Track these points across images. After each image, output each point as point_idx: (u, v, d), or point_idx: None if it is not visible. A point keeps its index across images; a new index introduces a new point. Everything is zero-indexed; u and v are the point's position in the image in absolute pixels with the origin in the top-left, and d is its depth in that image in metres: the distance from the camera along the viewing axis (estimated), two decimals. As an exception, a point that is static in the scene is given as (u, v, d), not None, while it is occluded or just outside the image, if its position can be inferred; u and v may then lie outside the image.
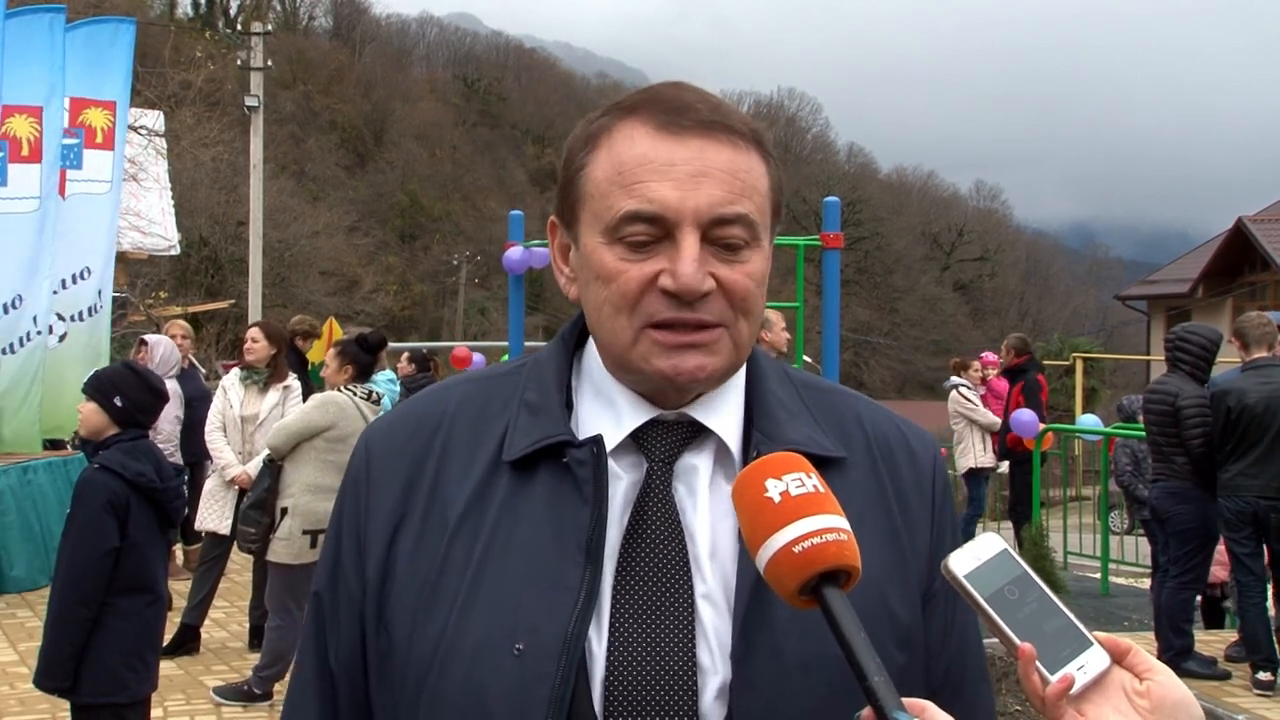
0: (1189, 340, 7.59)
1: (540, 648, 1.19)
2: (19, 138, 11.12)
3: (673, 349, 1.25)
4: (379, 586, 1.30)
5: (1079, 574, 11.83)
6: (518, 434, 1.30)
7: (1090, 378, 28.59)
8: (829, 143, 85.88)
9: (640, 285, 1.24)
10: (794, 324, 9.03)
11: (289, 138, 53.71)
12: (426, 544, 1.28)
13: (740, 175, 1.26)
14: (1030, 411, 11.68)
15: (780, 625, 1.22)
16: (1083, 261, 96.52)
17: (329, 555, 1.37)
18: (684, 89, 1.32)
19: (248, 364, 8.06)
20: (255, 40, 24.96)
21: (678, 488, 1.30)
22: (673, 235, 1.24)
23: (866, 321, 64.36)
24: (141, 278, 23.32)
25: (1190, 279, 32.36)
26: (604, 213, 1.26)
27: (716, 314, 1.25)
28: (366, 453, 1.38)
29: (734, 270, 1.26)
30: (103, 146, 12.15)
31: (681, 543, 1.26)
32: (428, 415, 1.37)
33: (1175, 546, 7.57)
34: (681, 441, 1.31)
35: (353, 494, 1.36)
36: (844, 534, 1.09)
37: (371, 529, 1.32)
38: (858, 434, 1.39)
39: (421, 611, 1.25)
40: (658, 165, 1.24)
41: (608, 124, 1.30)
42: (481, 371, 1.45)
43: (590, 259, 1.28)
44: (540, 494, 1.27)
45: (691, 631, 1.22)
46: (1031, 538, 10.44)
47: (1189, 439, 7.38)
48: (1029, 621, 1.10)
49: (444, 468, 1.32)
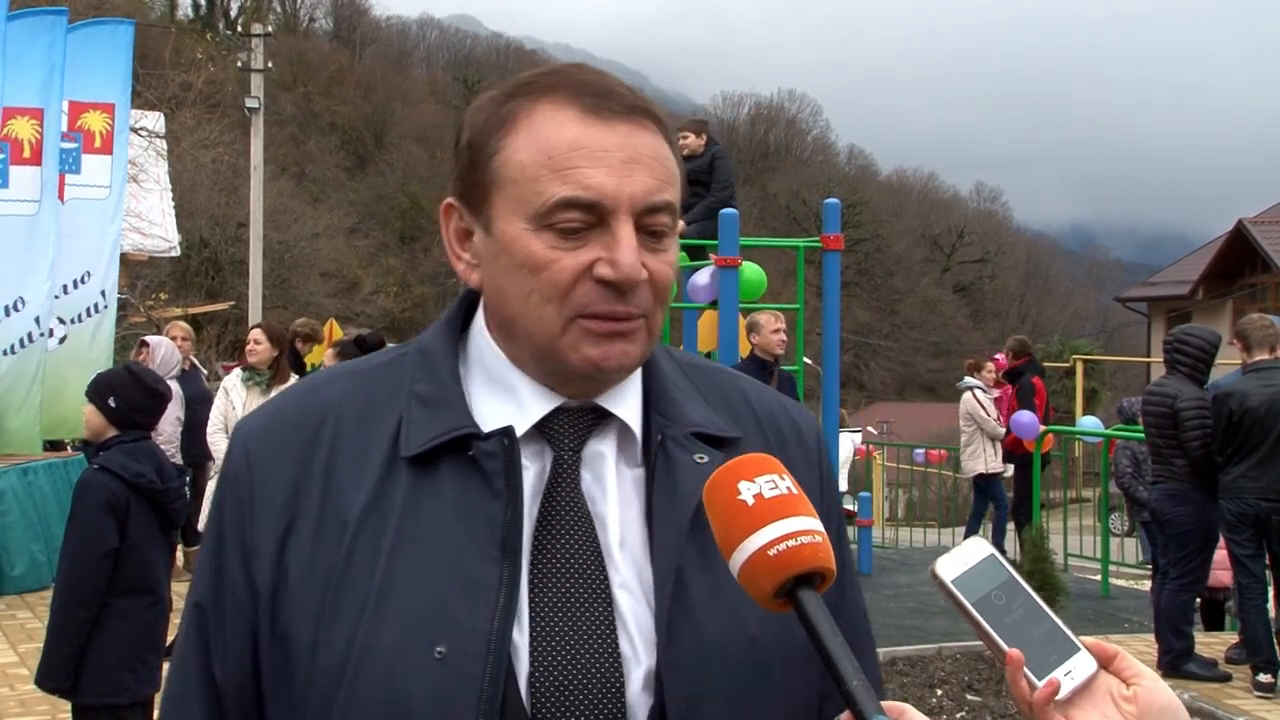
0: (1187, 342, 7.58)
1: (464, 650, 1.16)
2: (20, 140, 11.13)
3: (602, 337, 1.22)
4: (271, 595, 1.23)
5: (1079, 576, 11.83)
6: (414, 428, 1.25)
7: (1090, 380, 28.58)
8: (829, 145, 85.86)
9: (574, 274, 1.21)
10: (794, 326, 9.03)
11: (289, 139, 53.68)
12: (323, 547, 1.21)
13: (664, 162, 1.25)
14: (1030, 414, 11.68)
15: (698, 609, 1.22)
16: (1083, 263, 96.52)
17: (209, 563, 1.28)
18: (595, 71, 1.29)
19: (250, 365, 8.07)
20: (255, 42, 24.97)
21: (584, 475, 1.27)
22: (607, 223, 1.21)
23: (867, 323, 64.32)
24: (142, 279, 23.30)
25: (1190, 281, 32.36)
26: (532, 199, 1.21)
27: (644, 305, 1.24)
28: (245, 452, 1.29)
29: (659, 260, 1.24)
30: (101, 151, 12.14)
31: (593, 532, 1.24)
32: (308, 410, 1.29)
33: (1174, 549, 7.57)
34: (587, 428, 1.29)
35: (234, 497, 1.28)
36: (819, 536, 1.08)
37: (258, 534, 1.24)
38: (747, 413, 1.39)
39: (326, 618, 1.19)
40: (591, 150, 1.21)
41: (524, 105, 1.25)
42: (357, 363, 1.37)
43: (513, 246, 1.22)
44: (446, 490, 1.22)
45: (612, 622, 1.21)
46: (1032, 539, 10.43)
47: (1188, 441, 7.37)
48: (1016, 627, 1.09)
49: (334, 466, 1.25)
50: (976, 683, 7.35)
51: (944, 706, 6.91)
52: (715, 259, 8.94)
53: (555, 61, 1.36)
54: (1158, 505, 7.64)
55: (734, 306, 8.71)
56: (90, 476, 4.55)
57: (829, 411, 9.38)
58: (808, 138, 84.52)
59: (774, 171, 74.90)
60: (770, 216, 64.04)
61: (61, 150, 11.51)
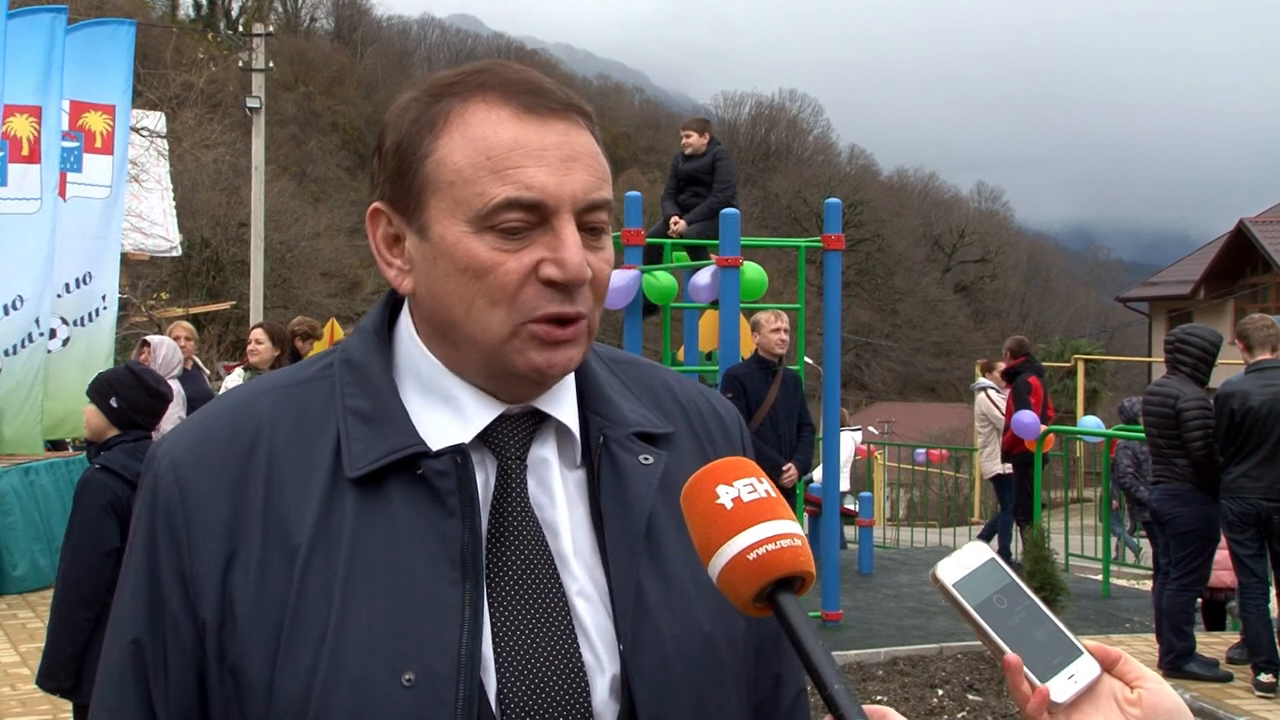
0: (1189, 342, 7.58)
1: (433, 675, 1.13)
2: (19, 137, 11.13)
3: (549, 344, 1.20)
4: (217, 627, 1.17)
5: (1080, 576, 11.82)
6: (356, 446, 1.20)
7: (1091, 379, 28.57)
8: (830, 144, 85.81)
9: (520, 277, 1.18)
10: (795, 325, 9.02)
11: (290, 139, 53.72)
12: (271, 576, 1.16)
13: (598, 159, 1.23)
14: (1031, 414, 11.67)
15: (654, 613, 1.21)
16: (1084, 263, 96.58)
17: (143, 595, 1.20)
18: (519, 67, 1.26)
19: (251, 365, 8.07)
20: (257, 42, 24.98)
21: (529, 482, 1.25)
22: (549, 222, 1.19)
23: (868, 323, 64.32)
24: (143, 279, 23.29)
25: (1192, 281, 32.37)
26: (472, 200, 1.18)
27: (587, 305, 1.22)
28: (175, 477, 1.21)
29: (598, 258, 1.22)
30: (102, 151, 12.14)
31: (544, 540, 1.22)
32: (240, 427, 1.23)
33: (1176, 548, 7.56)
34: (528, 434, 1.27)
35: (167, 524, 1.20)
36: (798, 539, 1.07)
37: (199, 565, 1.18)
38: (673, 405, 1.38)
39: (283, 650, 1.14)
40: (530, 150, 1.18)
41: (455, 105, 1.21)
42: (282, 376, 1.31)
43: (454, 251, 1.19)
44: (396, 510, 1.18)
45: (572, 631, 1.19)
46: (1032, 540, 10.43)
47: (1190, 441, 7.37)
48: (1018, 630, 1.08)
49: (273, 488, 1.19)
50: (978, 683, 7.35)
51: (945, 706, 6.90)
52: (716, 259, 8.93)
53: (484, 60, 1.31)
54: (1159, 505, 7.63)
55: (735, 306, 8.70)
56: (91, 476, 4.54)
57: (830, 411, 9.38)
58: (809, 138, 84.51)
59: (775, 171, 74.87)
60: (771, 216, 64.05)
61: (63, 149, 11.51)
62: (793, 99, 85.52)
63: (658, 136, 70.33)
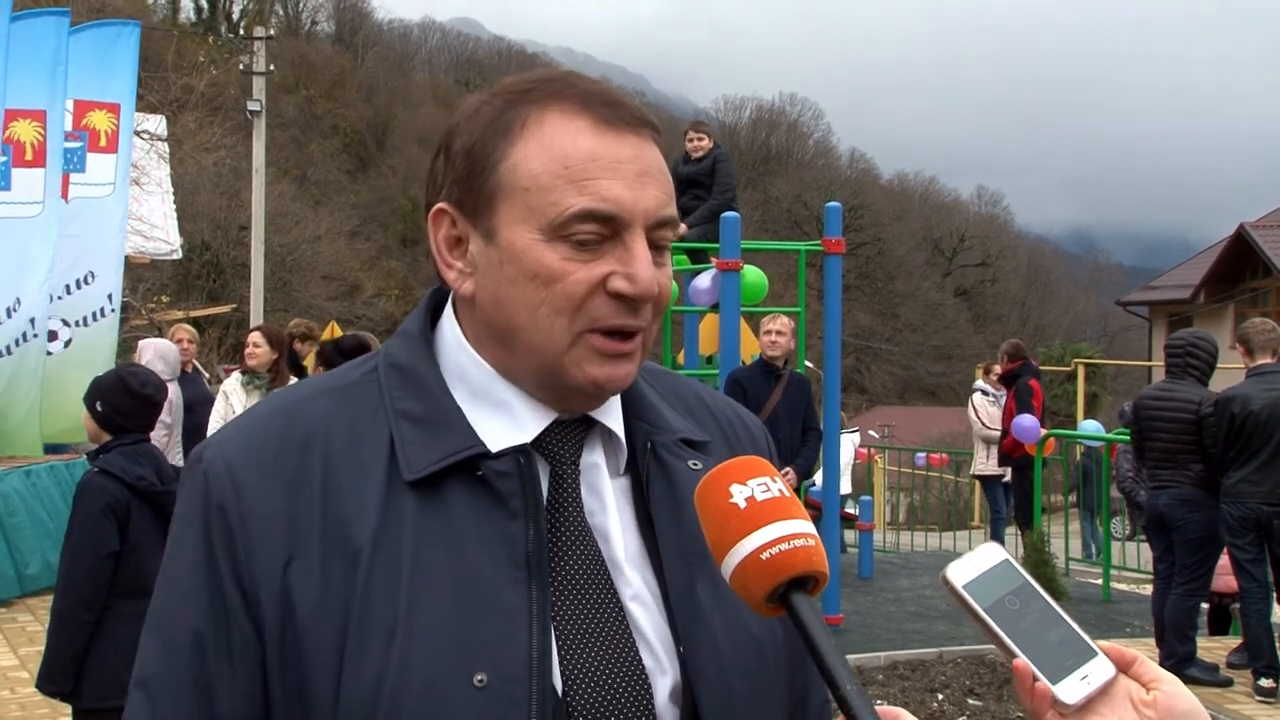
0: (1200, 347, 7.60)
1: (506, 676, 1.13)
2: (23, 142, 11.12)
3: (609, 357, 1.21)
4: (279, 631, 1.16)
5: (1080, 580, 11.82)
6: (412, 449, 1.20)
7: (1091, 383, 28.56)
8: (831, 148, 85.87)
9: (589, 287, 1.19)
10: (796, 330, 9.03)
11: (291, 142, 53.72)
12: (333, 578, 1.15)
13: (668, 176, 1.25)
14: (1031, 417, 11.67)
15: (708, 614, 1.22)
16: (1084, 267, 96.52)
17: (204, 589, 1.18)
18: (595, 80, 1.27)
19: (249, 368, 8.06)
20: (257, 45, 25.02)
21: (581, 488, 1.26)
22: (620, 236, 1.19)
23: (868, 327, 64.33)
24: (143, 282, 23.28)
25: (1192, 285, 32.34)
26: (546, 209, 1.18)
27: (647, 320, 1.23)
28: (230, 476, 1.20)
29: (663, 274, 1.23)
30: (106, 150, 12.14)
31: (596, 546, 1.23)
32: (292, 431, 1.22)
33: (1185, 554, 7.53)
34: (580, 440, 1.28)
35: (221, 525, 1.19)
36: (811, 539, 1.07)
37: (259, 565, 1.17)
38: (705, 415, 1.40)
39: (349, 654, 1.13)
40: (607, 162, 1.19)
41: (533, 112, 1.22)
42: (328, 381, 1.30)
43: (524, 257, 1.19)
44: (458, 512, 1.18)
45: (630, 635, 1.20)
46: (1033, 543, 10.43)
47: (1212, 447, 7.36)
48: (1031, 632, 1.07)
49: (331, 491, 1.19)
50: (978, 687, 7.34)
51: (945, 711, 6.90)
52: (716, 262, 8.94)
53: (549, 66, 1.32)
54: (1169, 510, 7.57)
55: (735, 310, 8.71)
56: (90, 479, 4.54)
57: (830, 415, 9.38)
58: (809, 141, 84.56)
59: (775, 175, 74.88)
60: (772, 220, 64.04)
61: (66, 149, 11.50)
62: (793, 103, 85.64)
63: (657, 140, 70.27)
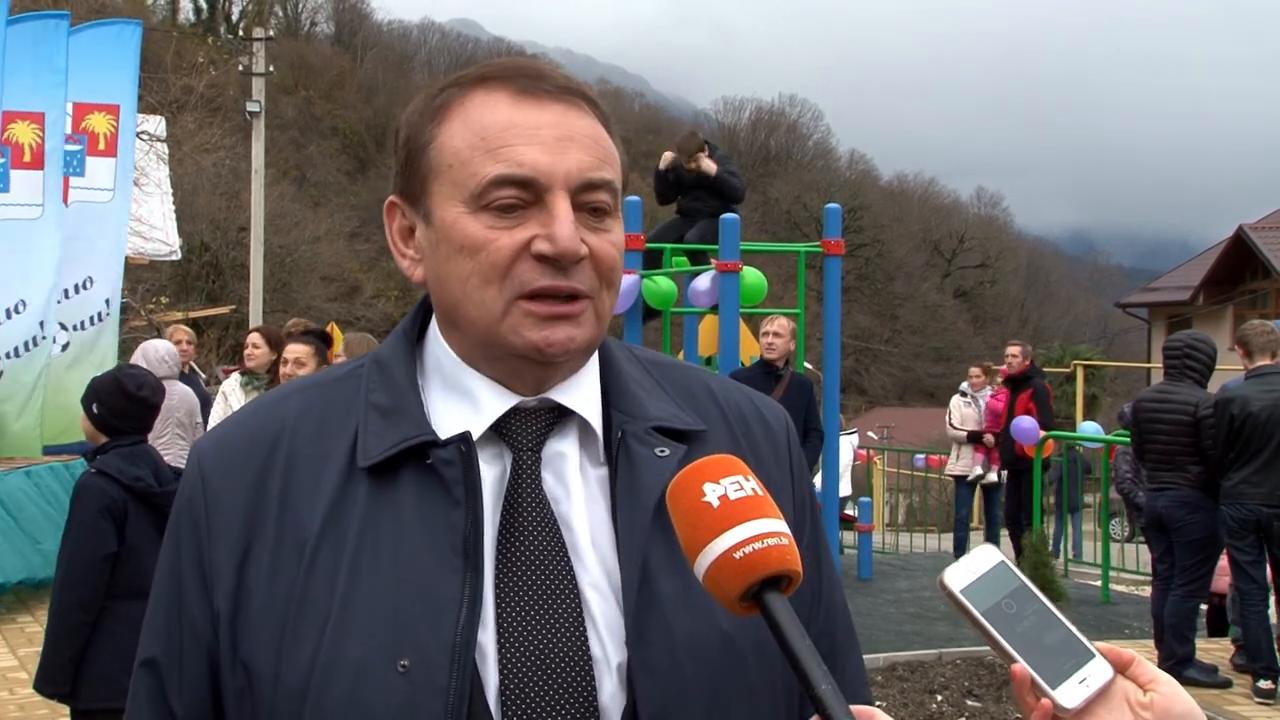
0: (1200, 349, 7.61)
1: (428, 662, 1.14)
2: (21, 144, 11.13)
3: (544, 320, 1.21)
4: (230, 619, 1.20)
5: (1079, 582, 11.82)
6: (371, 438, 1.23)
7: (1091, 385, 28.57)
8: (830, 149, 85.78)
9: (512, 252, 1.20)
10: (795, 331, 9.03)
11: (290, 143, 53.70)
12: (282, 567, 1.19)
13: (600, 142, 1.25)
14: (1030, 419, 11.65)
15: (668, 607, 1.20)
16: (1083, 269, 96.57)
17: (165, 585, 1.27)
18: (530, 59, 1.30)
19: (248, 369, 8.06)
20: (257, 46, 25.03)
21: (546, 476, 1.26)
22: (543, 199, 1.20)
23: (867, 328, 64.31)
24: (142, 283, 23.29)
25: (1191, 286, 32.36)
26: (467, 180, 1.21)
27: (587, 283, 1.22)
28: (200, 474, 1.27)
29: (601, 238, 1.23)
30: (105, 153, 12.13)
31: (558, 533, 1.22)
32: (264, 428, 1.27)
33: (1184, 555, 7.54)
34: (545, 428, 1.27)
35: (190, 522, 1.26)
36: (785, 538, 1.07)
37: (217, 556, 1.22)
38: (712, 407, 1.37)
39: (288, 640, 1.17)
40: (524, 129, 1.21)
41: (457, 95, 1.25)
42: (316, 377, 1.35)
43: (452, 231, 1.22)
44: (405, 499, 1.20)
45: (581, 623, 1.19)
46: (1033, 545, 10.43)
47: (1209, 448, 7.36)
48: (1028, 635, 1.06)
49: (290, 483, 1.23)
50: (977, 688, 7.34)
51: (944, 712, 6.90)
52: (716, 263, 8.94)
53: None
54: (1169, 512, 7.57)
55: (734, 311, 8.71)
56: (87, 480, 4.54)
57: (829, 416, 9.38)
58: (809, 143, 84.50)
59: (775, 176, 74.85)
60: (771, 221, 64.04)
61: (66, 152, 11.50)
62: (793, 104, 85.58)
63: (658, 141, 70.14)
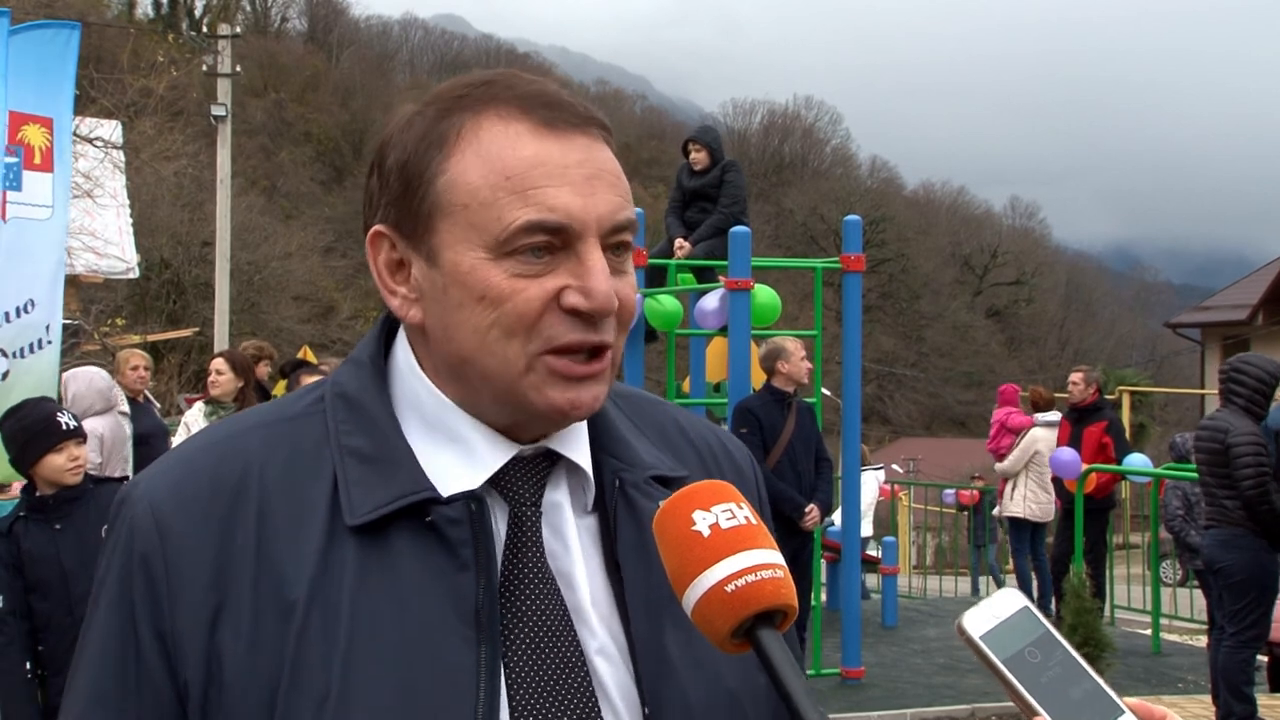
0: (1244, 371, 7.58)
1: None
2: (-49, 154, 11.13)
3: (572, 380, 1.20)
4: (202, 690, 1.15)
5: (1127, 630, 11.77)
6: (356, 490, 1.19)
7: (1139, 413, 28.56)
8: (850, 156, 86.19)
9: (541, 305, 1.18)
10: (812, 353, 9.02)
11: (259, 150, 53.95)
12: (264, 634, 1.14)
13: (621, 177, 1.24)
14: (1071, 450, 11.60)
15: (678, 670, 1.21)
16: (1128, 286, 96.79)
17: (115, 653, 1.18)
18: (533, 78, 1.27)
19: (213, 397, 8.06)
20: (222, 44, 25.14)
21: (544, 530, 1.25)
22: (572, 247, 1.19)
23: (891, 351, 64.40)
24: (96, 303, 23.32)
25: (1249, 305, 32.32)
26: (490, 225, 1.17)
27: (611, 334, 1.22)
28: (155, 525, 1.19)
29: (623, 283, 1.22)
30: (41, 168, 12.13)
31: (559, 594, 1.22)
32: (225, 468, 1.21)
33: (1230, 600, 7.51)
34: (542, 477, 1.26)
35: (145, 581, 1.17)
36: (779, 570, 1.07)
37: (181, 620, 1.16)
38: (684, 445, 1.39)
39: (280, 718, 1.13)
40: (552, 168, 1.19)
41: (467, 120, 1.21)
42: (268, 412, 1.29)
43: (469, 278, 1.18)
44: (403, 563, 1.17)
45: (593, 693, 1.19)
46: (1074, 589, 10.38)
47: (1240, 480, 7.33)
48: (1052, 686, 1.07)
49: (265, 536, 1.18)
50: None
51: (978, 775, 6.86)
52: (725, 281, 8.94)
53: (491, 70, 1.28)
54: (1209, 553, 7.58)
55: (745, 333, 8.71)
56: None
57: (849, 448, 9.36)
58: (826, 148, 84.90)
59: (789, 185, 75.14)
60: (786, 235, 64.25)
61: (4, 164, 11.51)
62: (808, 106, 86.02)
63: (661, 147, 70.59)
